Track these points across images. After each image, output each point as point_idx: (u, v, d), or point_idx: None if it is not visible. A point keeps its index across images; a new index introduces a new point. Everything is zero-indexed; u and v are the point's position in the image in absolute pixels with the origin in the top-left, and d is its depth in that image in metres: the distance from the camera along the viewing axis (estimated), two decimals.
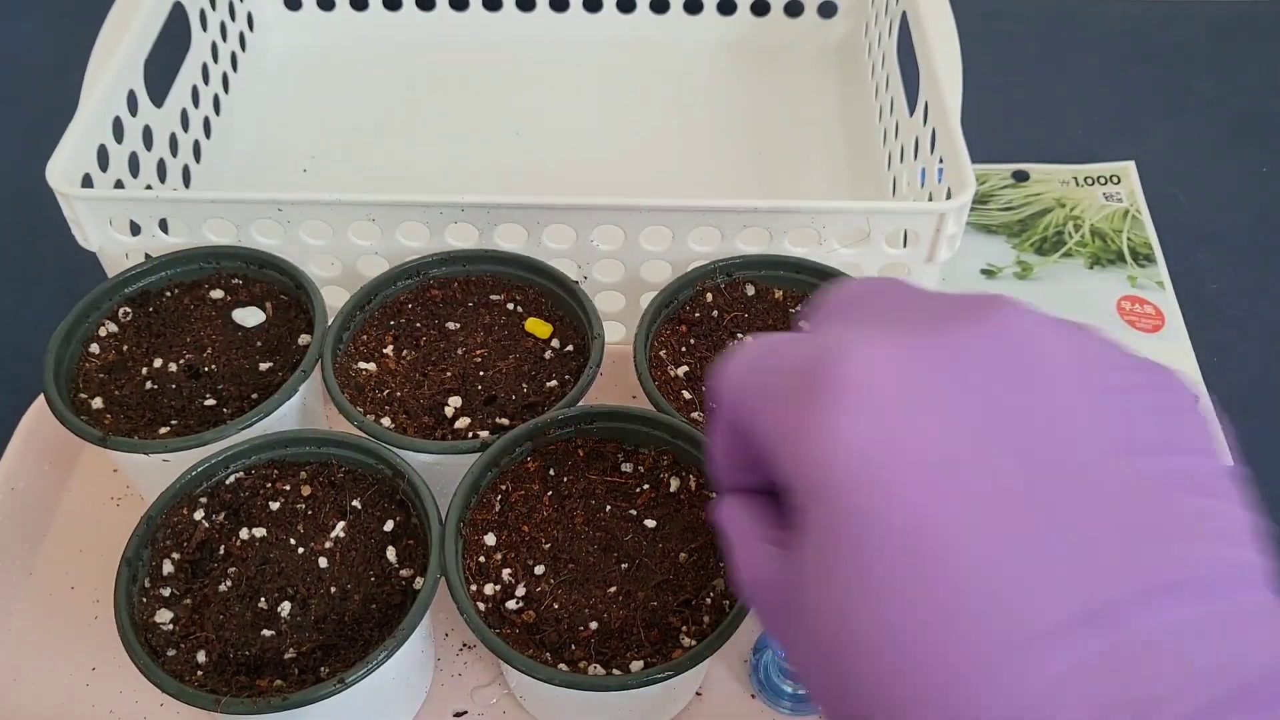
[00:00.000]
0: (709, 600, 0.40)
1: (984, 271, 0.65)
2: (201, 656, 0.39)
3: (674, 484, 0.44)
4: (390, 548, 0.42)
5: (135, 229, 0.53)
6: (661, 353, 0.48)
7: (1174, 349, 0.61)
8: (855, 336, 0.22)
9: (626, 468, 0.45)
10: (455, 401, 0.47)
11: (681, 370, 0.48)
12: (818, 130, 0.72)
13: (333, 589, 0.41)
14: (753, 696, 0.45)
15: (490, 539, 0.42)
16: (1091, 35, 0.82)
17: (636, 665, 0.39)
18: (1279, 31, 0.82)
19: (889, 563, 0.20)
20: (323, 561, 0.42)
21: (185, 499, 0.43)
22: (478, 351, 0.49)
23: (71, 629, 0.47)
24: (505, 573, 0.42)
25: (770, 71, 0.76)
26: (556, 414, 0.44)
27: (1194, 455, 0.21)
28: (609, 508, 0.43)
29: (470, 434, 0.45)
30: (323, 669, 0.39)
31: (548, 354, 0.49)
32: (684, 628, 0.40)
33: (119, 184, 0.57)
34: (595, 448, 0.45)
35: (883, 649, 0.20)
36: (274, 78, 0.76)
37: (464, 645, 0.47)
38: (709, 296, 0.50)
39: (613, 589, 0.41)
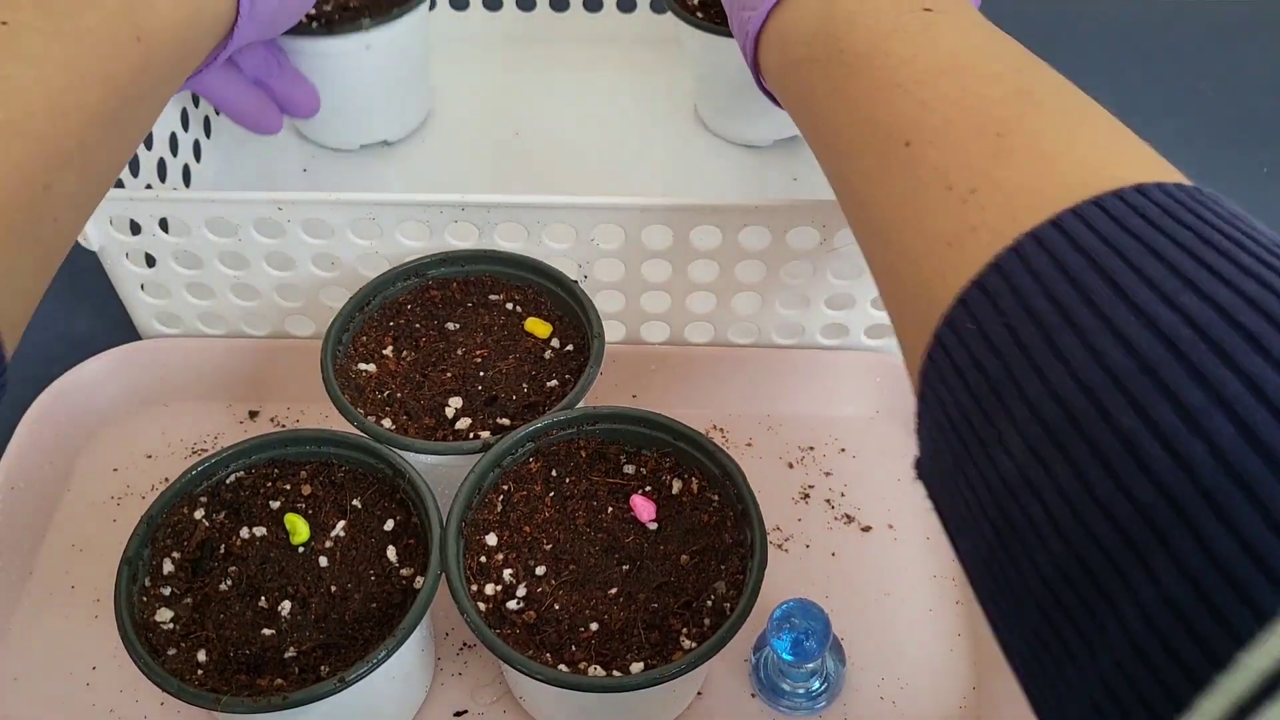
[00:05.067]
0: (709, 602, 0.40)
1: None
2: (202, 655, 0.39)
3: (676, 486, 0.44)
4: (390, 547, 0.42)
5: (135, 228, 0.53)
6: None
7: None
8: None
9: (628, 469, 0.45)
10: (456, 402, 0.47)
11: None
12: None
13: (333, 588, 0.41)
14: (753, 696, 0.45)
15: (491, 539, 0.42)
16: (1091, 35, 0.82)
17: (637, 667, 0.39)
18: (1279, 31, 0.82)
19: None
20: (323, 561, 0.42)
21: (185, 498, 0.43)
22: (478, 352, 0.49)
23: (71, 629, 0.47)
24: (506, 573, 0.42)
25: None
26: (559, 415, 0.44)
27: None
28: (610, 509, 0.43)
29: (471, 435, 0.45)
30: (323, 668, 0.39)
31: (548, 354, 0.49)
32: (684, 629, 0.40)
33: (119, 183, 0.57)
34: (597, 449, 0.45)
35: None
36: None
37: (464, 645, 0.47)
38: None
39: (614, 590, 0.41)
